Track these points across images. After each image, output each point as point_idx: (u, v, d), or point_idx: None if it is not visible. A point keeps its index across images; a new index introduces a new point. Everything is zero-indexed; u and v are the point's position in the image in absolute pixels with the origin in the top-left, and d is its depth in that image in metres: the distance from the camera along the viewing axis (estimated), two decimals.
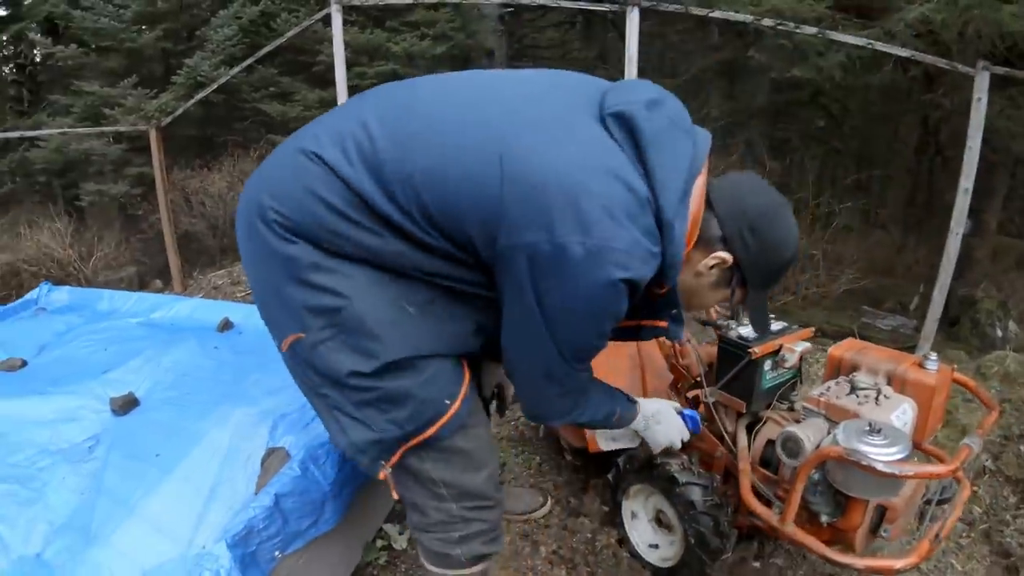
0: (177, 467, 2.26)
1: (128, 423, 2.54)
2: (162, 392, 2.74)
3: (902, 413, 2.28)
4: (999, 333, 7.28)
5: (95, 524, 2.09)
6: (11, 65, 13.25)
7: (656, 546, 2.90)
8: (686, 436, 2.51)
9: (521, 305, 1.58)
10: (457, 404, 1.80)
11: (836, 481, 2.21)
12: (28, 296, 4.00)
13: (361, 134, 1.59)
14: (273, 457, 2.34)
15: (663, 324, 1.91)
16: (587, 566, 2.99)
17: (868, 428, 2.09)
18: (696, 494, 2.55)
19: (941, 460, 2.55)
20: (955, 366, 2.47)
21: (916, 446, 2.42)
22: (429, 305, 1.71)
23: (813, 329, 2.67)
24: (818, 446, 2.24)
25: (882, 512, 2.34)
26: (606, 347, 1.76)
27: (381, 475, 1.86)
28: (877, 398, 2.31)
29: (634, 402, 2.30)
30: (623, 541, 3.02)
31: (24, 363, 3.11)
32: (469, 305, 1.75)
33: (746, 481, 2.45)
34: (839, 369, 2.59)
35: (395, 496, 1.96)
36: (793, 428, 2.32)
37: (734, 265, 1.78)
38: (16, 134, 9.62)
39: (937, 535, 2.24)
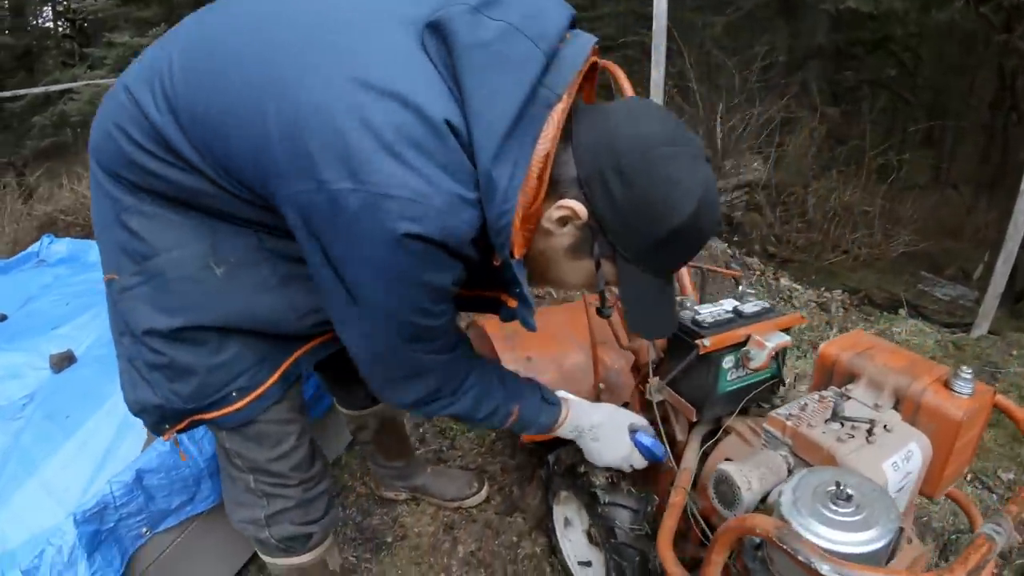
0: (79, 430, 2.25)
1: (60, 381, 2.58)
2: (97, 350, 2.73)
3: (904, 459, 1.55)
4: None
5: (1, 484, 2.11)
6: (63, 20, 14.55)
7: (588, 564, 2.45)
8: (637, 463, 2.03)
9: (319, 272, 1.35)
10: (247, 401, 1.68)
11: (771, 563, 1.50)
12: (31, 248, 4.07)
13: (166, 71, 1.38)
14: None
15: (514, 303, 1.58)
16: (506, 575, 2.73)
17: (835, 490, 1.36)
18: (621, 519, 2.07)
19: (968, 511, 2.04)
20: (996, 388, 1.71)
21: (928, 497, 1.74)
22: (240, 269, 1.53)
23: (803, 316, 1.96)
24: (764, 498, 1.55)
25: None
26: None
27: (164, 436, 1.74)
28: (871, 432, 1.57)
29: (554, 403, 1.92)
30: (556, 550, 2.63)
31: (4, 317, 3.21)
32: (292, 275, 1.56)
33: (672, 515, 1.78)
34: (832, 375, 1.86)
35: (183, 458, 2.04)
36: (731, 466, 1.62)
37: (593, 223, 1.33)
38: (40, 89, 10.66)
39: None
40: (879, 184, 6.87)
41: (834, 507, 1.35)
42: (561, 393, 2.01)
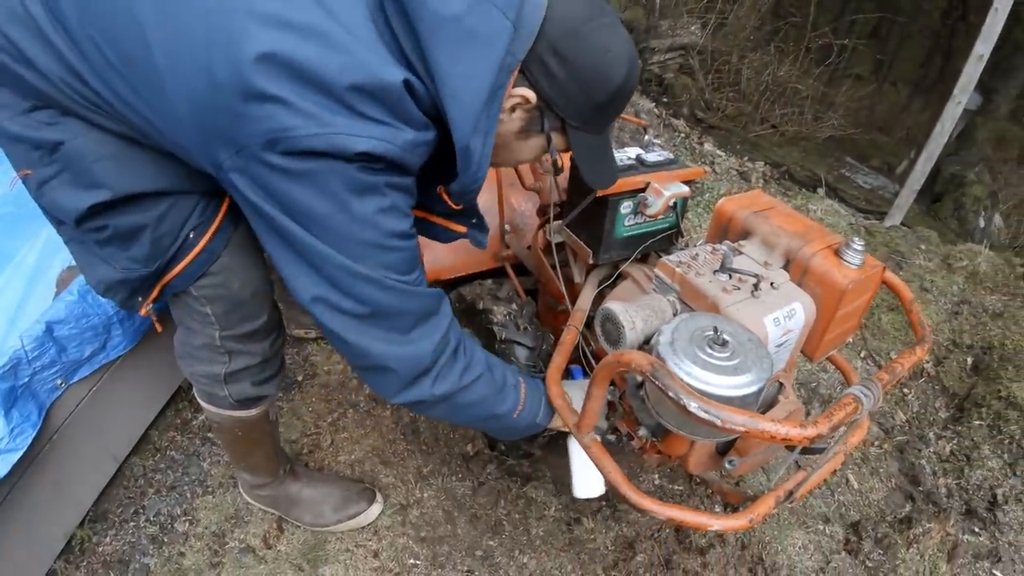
0: None
1: None
2: (2, 207, 2.53)
3: (786, 316, 1.57)
4: (981, 224, 6.64)
5: None
6: None
7: None
8: None
9: (278, 233, 1.34)
10: (207, 236, 1.63)
11: (649, 398, 1.53)
12: None
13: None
14: (67, 277, 2.22)
15: (461, 228, 1.71)
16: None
17: (712, 335, 1.37)
18: (518, 355, 2.12)
19: (846, 375, 2.04)
20: (885, 266, 1.71)
21: (809, 358, 1.78)
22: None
23: (705, 170, 1.93)
24: (648, 339, 1.56)
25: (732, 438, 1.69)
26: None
27: (142, 311, 1.71)
28: (756, 286, 1.58)
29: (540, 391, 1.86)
30: None
31: None
32: None
33: (562, 352, 1.83)
34: (727, 231, 1.85)
35: (159, 329, 1.91)
36: (617, 305, 1.63)
37: (541, 103, 1.41)
38: None
39: (789, 494, 1.58)
40: (816, 66, 6.87)
41: (709, 351, 1.37)
42: None
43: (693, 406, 1.22)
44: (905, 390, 3.29)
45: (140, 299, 1.69)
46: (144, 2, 1.24)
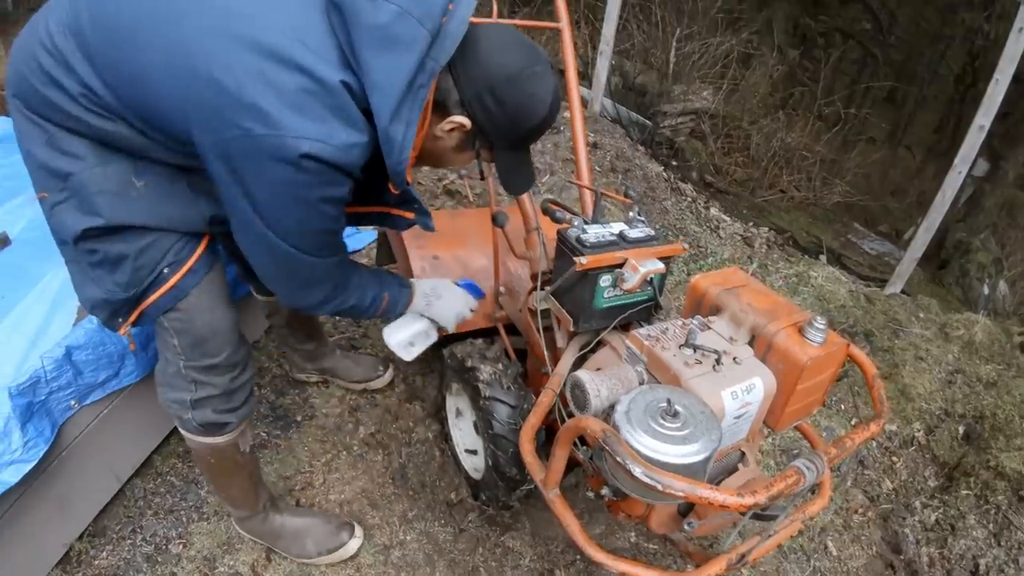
0: (13, 310, 2.30)
1: None
2: (31, 232, 2.72)
3: (744, 390, 1.66)
4: (985, 291, 6.62)
5: None
6: None
7: (475, 452, 2.69)
8: (473, 305, 2.35)
9: (234, 203, 1.60)
10: (178, 276, 1.85)
11: (606, 462, 1.62)
12: None
13: (83, 19, 1.56)
14: None
15: (410, 215, 2.02)
16: (400, 457, 2.97)
17: (664, 407, 1.46)
18: (499, 412, 2.28)
19: (813, 444, 2.19)
20: (849, 343, 1.81)
21: (772, 429, 1.86)
22: (158, 181, 1.75)
23: (685, 246, 2.03)
24: (613, 407, 1.63)
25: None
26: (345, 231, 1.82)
27: (121, 331, 1.92)
28: (718, 361, 1.68)
29: (407, 285, 2.22)
30: (447, 437, 2.89)
31: None
32: (206, 189, 1.77)
33: (537, 413, 1.94)
34: (700, 306, 1.96)
35: (132, 348, 2.27)
36: (585, 374, 1.75)
37: (476, 131, 1.70)
38: None
39: (742, 557, 1.66)
40: (826, 132, 6.93)
41: (661, 420, 1.47)
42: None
43: (637, 471, 1.33)
44: (894, 458, 3.33)
45: (120, 320, 1.89)
46: (148, 30, 1.51)
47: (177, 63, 1.47)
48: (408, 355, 2.28)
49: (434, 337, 2.28)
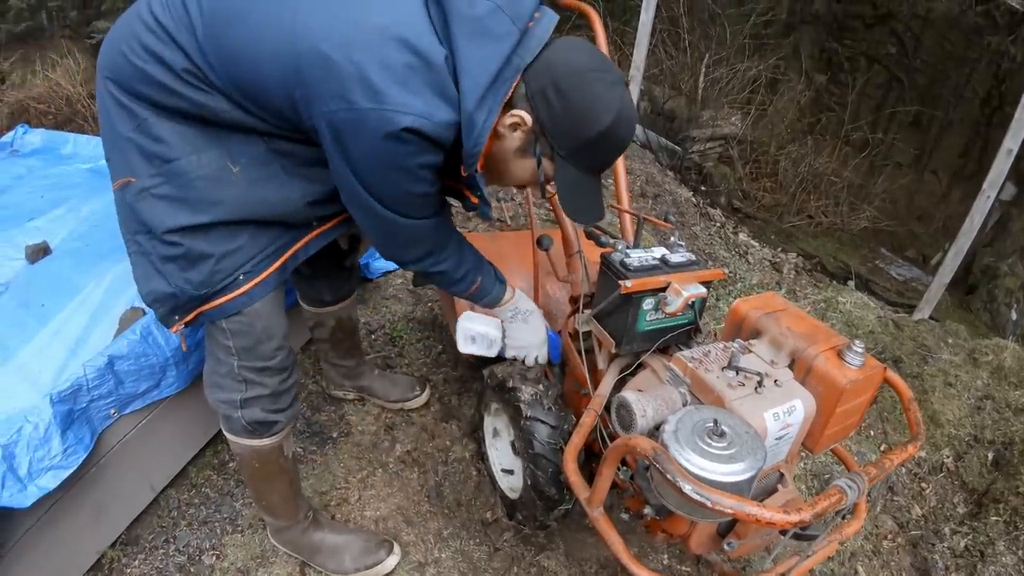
0: (54, 318, 2.37)
1: (35, 272, 2.65)
2: (72, 242, 2.80)
3: (786, 412, 1.70)
4: (1014, 316, 6.54)
5: None
6: None
7: (511, 472, 2.70)
8: (543, 357, 2.38)
9: (338, 168, 1.70)
10: (252, 284, 1.93)
11: (654, 480, 1.67)
12: (4, 137, 3.98)
13: (181, 8, 1.67)
14: (130, 317, 2.43)
15: (475, 200, 2.01)
16: (436, 475, 2.98)
17: (711, 427, 1.51)
18: (540, 433, 2.28)
19: (848, 465, 2.20)
20: (886, 367, 1.84)
21: (810, 451, 1.91)
22: (255, 164, 1.82)
23: (725, 271, 2.08)
24: (658, 426, 1.70)
25: (732, 520, 1.81)
26: (439, 200, 1.89)
27: (173, 329, 1.97)
28: (760, 383, 1.72)
29: (504, 282, 2.28)
30: (484, 456, 2.88)
31: None
32: (299, 172, 1.87)
33: (580, 433, 2.01)
34: (740, 329, 2.01)
35: (184, 349, 2.31)
36: (631, 395, 1.80)
37: (538, 130, 1.72)
38: None
39: None
40: (853, 157, 6.96)
41: (708, 440, 1.52)
42: None
43: (687, 488, 1.38)
44: (923, 484, 3.32)
45: (177, 317, 1.95)
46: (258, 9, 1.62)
47: (285, 39, 1.56)
48: (463, 346, 2.36)
49: (492, 352, 2.34)
